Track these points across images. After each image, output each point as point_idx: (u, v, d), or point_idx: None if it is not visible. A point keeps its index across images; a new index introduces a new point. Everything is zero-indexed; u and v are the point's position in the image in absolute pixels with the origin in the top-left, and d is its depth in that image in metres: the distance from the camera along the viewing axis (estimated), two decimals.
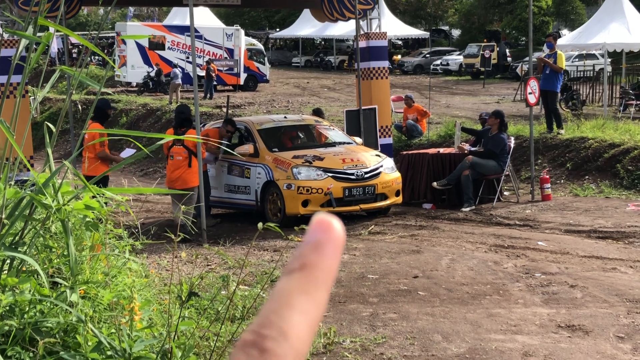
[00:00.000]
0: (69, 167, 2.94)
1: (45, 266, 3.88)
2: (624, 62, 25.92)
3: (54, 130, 2.99)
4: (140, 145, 3.22)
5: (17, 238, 3.25)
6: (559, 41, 22.83)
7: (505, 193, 13.89)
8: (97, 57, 40.50)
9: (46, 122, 2.93)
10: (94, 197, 3.59)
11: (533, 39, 14.56)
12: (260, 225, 4.05)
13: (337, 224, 0.74)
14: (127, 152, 14.16)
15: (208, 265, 8.93)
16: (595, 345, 6.22)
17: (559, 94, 17.66)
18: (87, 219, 3.84)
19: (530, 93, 13.92)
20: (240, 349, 0.70)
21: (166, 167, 12.28)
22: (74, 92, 3.37)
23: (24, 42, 3.02)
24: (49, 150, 2.92)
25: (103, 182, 10.22)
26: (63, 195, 3.11)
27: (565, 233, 10.77)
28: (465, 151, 13.48)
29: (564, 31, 43.27)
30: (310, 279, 0.72)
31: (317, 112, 15.50)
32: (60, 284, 3.83)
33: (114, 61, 34.12)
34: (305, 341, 0.70)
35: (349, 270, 8.60)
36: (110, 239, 5.00)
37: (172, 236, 4.21)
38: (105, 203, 4.20)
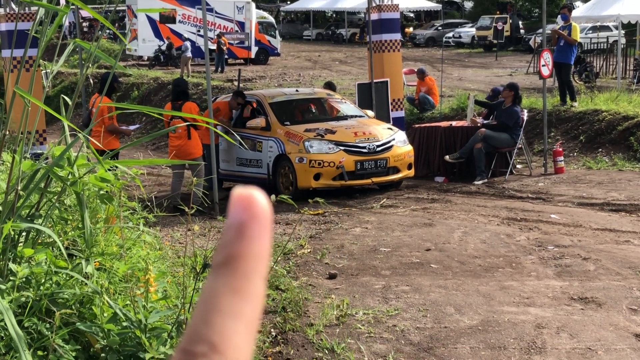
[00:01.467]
0: (83, 139, 2.95)
1: (60, 238, 3.90)
2: (638, 33, 25.69)
3: (69, 103, 3.00)
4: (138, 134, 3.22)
5: (32, 210, 3.26)
6: (573, 13, 22.61)
7: (518, 166, 13.84)
8: (108, 31, 40.39)
9: (62, 95, 2.94)
10: (108, 170, 3.60)
11: (546, 10, 14.42)
12: (273, 197, 4.07)
13: (259, 197, 0.65)
14: (136, 126, 14.41)
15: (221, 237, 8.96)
16: (608, 318, 6.22)
17: (573, 66, 17.51)
18: (102, 192, 3.86)
19: (543, 65, 13.82)
20: None
21: (168, 140, 12.41)
22: (89, 66, 3.37)
23: (41, 12, 3.02)
24: (65, 123, 2.92)
25: (114, 156, 10.30)
26: (78, 168, 3.12)
27: (578, 206, 10.74)
28: (478, 124, 13.40)
29: (578, 3, 42.84)
30: (239, 272, 0.62)
31: (329, 86, 15.45)
32: (76, 256, 3.86)
33: (124, 35, 34.06)
34: (244, 349, 0.62)
35: (362, 243, 8.62)
36: (124, 211, 5.03)
37: (186, 209, 4.23)
38: (118, 176, 4.22)
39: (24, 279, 3.36)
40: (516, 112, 13.11)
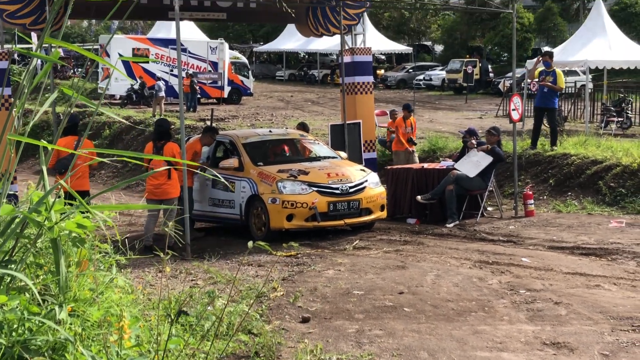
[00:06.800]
0: (68, 188, 2.94)
1: (33, 283, 3.84)
2: (605, 79, 26.20)
3: (49, 147, 2.99)
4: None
5: (7, 256, 3.23)
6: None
7: (489, 209, 13.95)
8: (80, 69, 40.39)
9: (42, 140, 2.93)
10: (82, 212, 3.57)
11: (516, 55, 14.68)
12: (250, 243, 4.07)
13: None
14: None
15: (192, 280, 8.89)
16: None
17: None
18: (74, 235, 3.82)
19: (513, 109, 14.03)
20: None
21: (146, 179, 12.29)
22: (56, 104, 3.37)
23: (35, 63, 3.01)
24: (44, 168, 2.91)
25: (83, 195, 10.23)
26: (55, 213, 3.09)
27: (548, 249, 10.82)
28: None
29: (546, 48, 43.69)
30: None
31: (302, 126, 15.52)
32: (49, 301, 3.80)
33: (97, 74, 34.03)
34: None
35: (334, 286, 8.59)
36: (96, 254, 4.97)
37: (161, 254, 4.20)
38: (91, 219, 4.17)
39: None
40: (500, 150, 13.52)
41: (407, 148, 16.55)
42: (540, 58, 17.03)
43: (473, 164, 13.27)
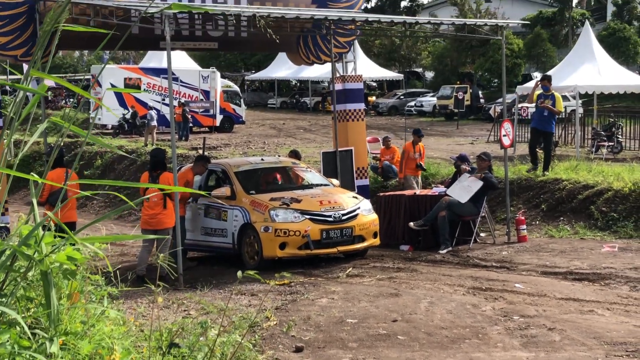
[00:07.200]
0: (57, 220, 2.93)
1: (23, 316, 3.82)
2: (595, 103, 26.38)
3: (39, 180, 2.98)
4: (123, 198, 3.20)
5: None
6: (530, 83, 23.17)
7: (482, 234, 13.95)
8: (72, 99, 40.49)
9: (32, 174, 2.94)
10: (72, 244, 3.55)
11: (505, 81, 14.76)
12: (239, 273, 4.05)
13: None
14: None
15: (185, 310, 8.83)
16: None
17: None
18: (64, 267, 3.80)
19: (504, 135, 14.08)
20: None
21: (141, 209, 12.22)
22: (48, 134, 3.38)
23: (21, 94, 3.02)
24: (34, 201, 2.90)
25: (71, 226, 10.20)
26: (45, 245, 3.08)
27: (541, 275, 10.81)
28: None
29: (536, 73, 44.04)
30: None
31: (294, 154, 15.55)
32: (39, 335, 3.77)
33: (88, 103, 34.05)
34: None
35: (328, 315, 8.55)
36: (87, 286, 4.95)
37: (152, 287, 4.18)
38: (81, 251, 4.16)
39: None
40: (492, 177, 13.53)
41: (413, 175, 16.61)
42: (539, 82, 17.13)
43: (464, 189, 13.29)
